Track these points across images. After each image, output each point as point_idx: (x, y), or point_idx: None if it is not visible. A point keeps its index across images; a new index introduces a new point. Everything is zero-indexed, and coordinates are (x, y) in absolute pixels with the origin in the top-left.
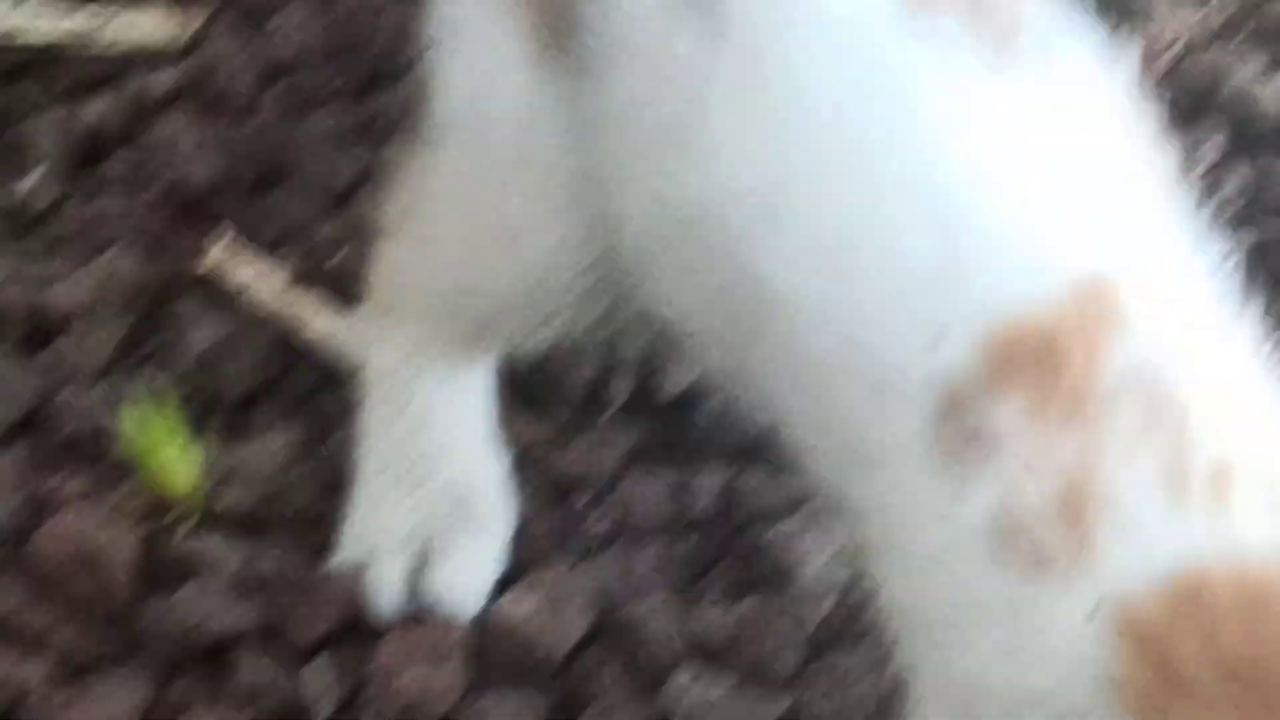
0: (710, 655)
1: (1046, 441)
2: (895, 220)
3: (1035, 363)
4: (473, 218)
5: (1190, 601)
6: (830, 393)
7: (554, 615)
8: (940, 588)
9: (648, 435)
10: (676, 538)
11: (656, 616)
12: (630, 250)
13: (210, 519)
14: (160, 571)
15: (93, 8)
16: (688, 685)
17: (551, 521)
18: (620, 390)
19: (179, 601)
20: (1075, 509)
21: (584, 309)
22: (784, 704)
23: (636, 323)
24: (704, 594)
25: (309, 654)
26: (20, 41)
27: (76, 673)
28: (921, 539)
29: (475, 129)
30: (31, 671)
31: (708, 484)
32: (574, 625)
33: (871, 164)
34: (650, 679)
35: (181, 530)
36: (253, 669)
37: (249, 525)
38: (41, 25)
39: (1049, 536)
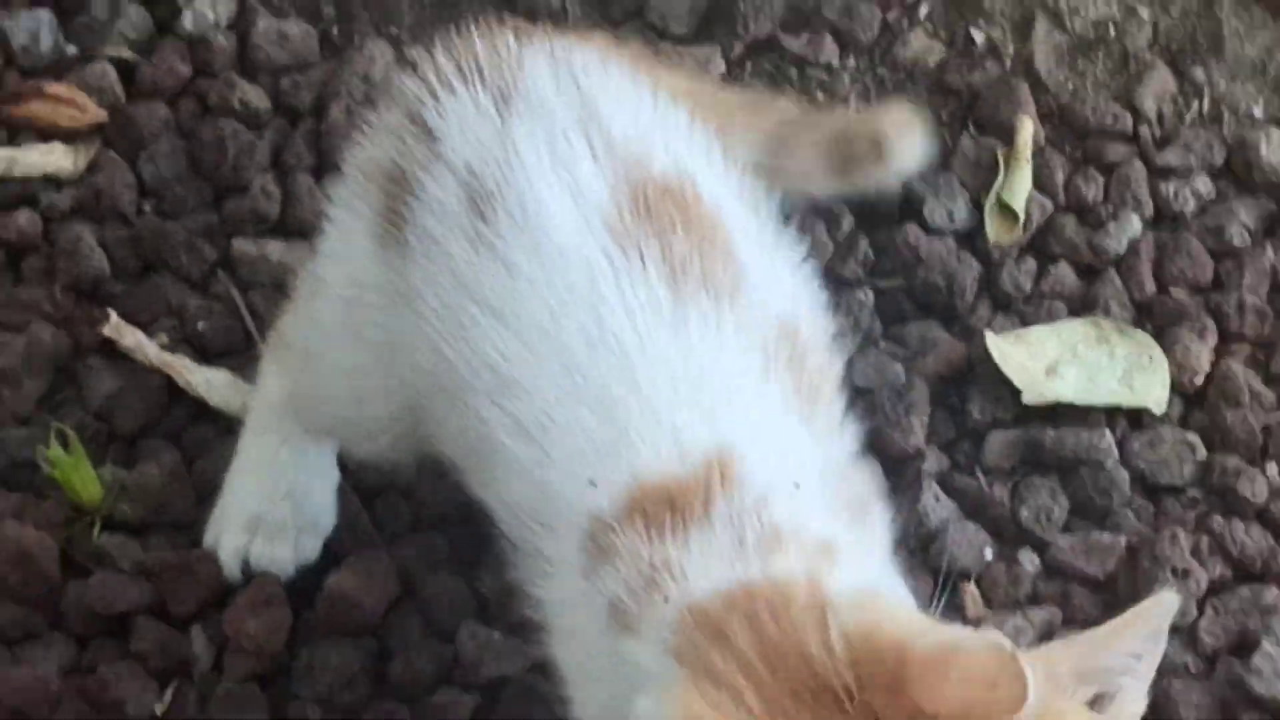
0: (486, 611)
1: (650, 552)
2: (578, 408)
3: (656, 506)
4: (320, 354)
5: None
6: (528, 518)
7: (370, 584)
8: (581, 654)
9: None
10: (462, 527)
11: (447, 584)
12: (418, 395)
13: (112, 524)
14: (77, 563)
15: (9, 149)
16: (472, 633)
17: (366, 518)
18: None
19: (92, 585)
20: (654, 584)
21: (397, 438)
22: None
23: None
24: (481, 568)
25: (190, 621)
26: None
27: (14, 642)
28: (572, 619)
29: (331, 283)
30: None
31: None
32: (385, 591)
33: (571, 363)
34: (443, 631)
35: (92, 533)
36: (149, 634)
37: (141, 528)
38: None
39: (635, 607)
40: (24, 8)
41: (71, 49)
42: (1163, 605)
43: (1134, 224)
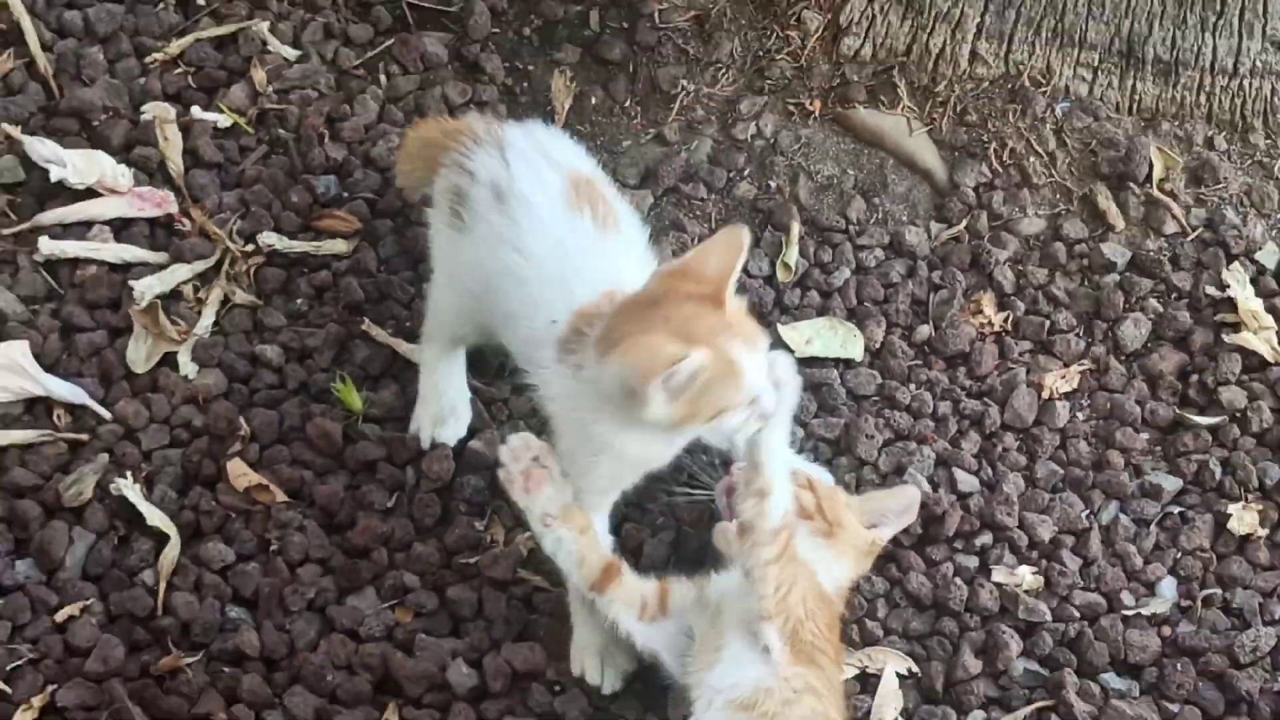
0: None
1: (585, 335)
2: (551, 287)
3: (583, 320)
4: (438, 299)
5: None
6: (531, 348)
7: (489, 447)
8: (561, 394)
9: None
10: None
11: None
12: (482, 304)
13: (367, 419)
14: (350, 438)
15: (316, 242)
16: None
17: (486, 415)
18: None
19: (358, 448)
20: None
21: (477, 333)
22: None
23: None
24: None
25: (404, 466)
26: None
27: (320, 473)
28: (554, 383)
29: (437, 260)
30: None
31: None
32: (495, 449)
33: (548, 267)
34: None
35: (357, 424)
36: (385, 471)
37: (380, 421)
38: None
39: (580, 355)
40: (320, 173)
41: (345, 194)
42: (908, 495)
43: (845, 272)
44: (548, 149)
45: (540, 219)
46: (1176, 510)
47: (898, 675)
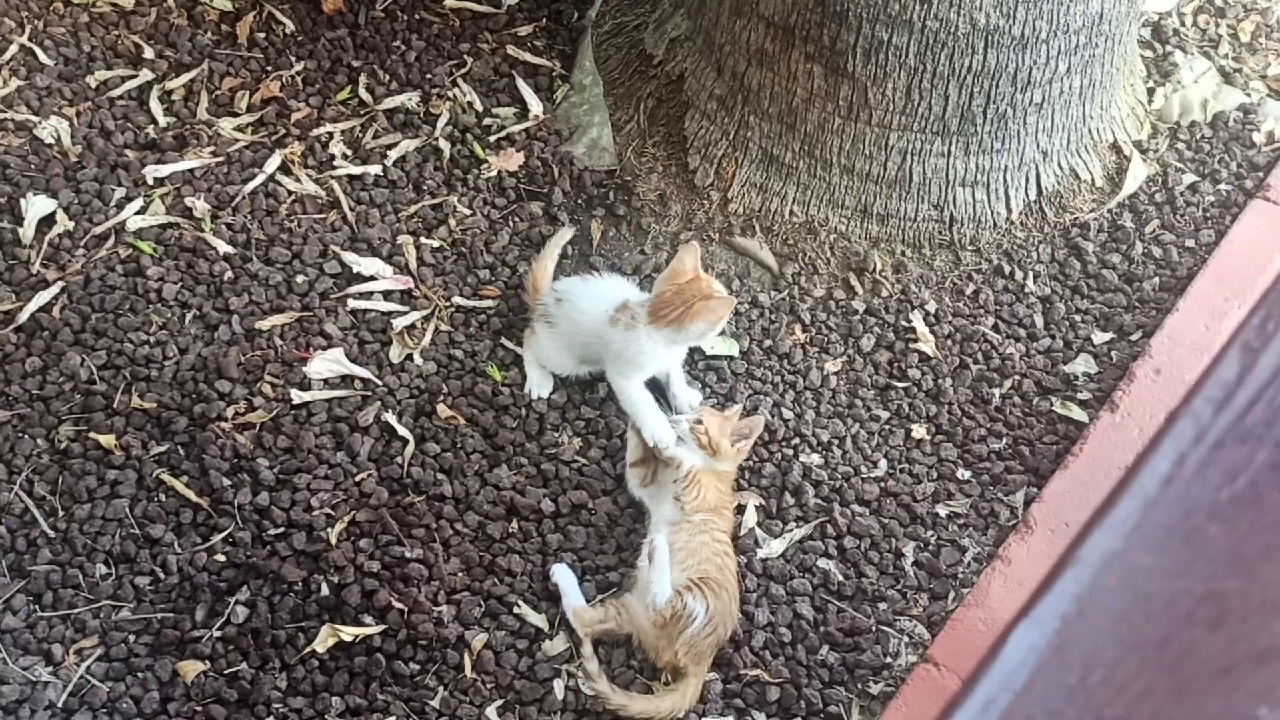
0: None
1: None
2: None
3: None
4: (541, 342)
5: None
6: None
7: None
8: (624, 346)
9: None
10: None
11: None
12: (573, 345)
13: (504, 384)
14: (495, 390)
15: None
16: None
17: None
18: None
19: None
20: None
21: (575, 363)
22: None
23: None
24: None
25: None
26: None
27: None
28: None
29: (538, 331)
30: None
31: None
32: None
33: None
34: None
35: (500, 387)
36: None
37: (514, 386)
38: None
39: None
40: (481, 268)
41: (492, 277)
42: (759, 422)
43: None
44: (579, 289)
45: (583, 314)
46: (887, 426)
47: (755, 506)
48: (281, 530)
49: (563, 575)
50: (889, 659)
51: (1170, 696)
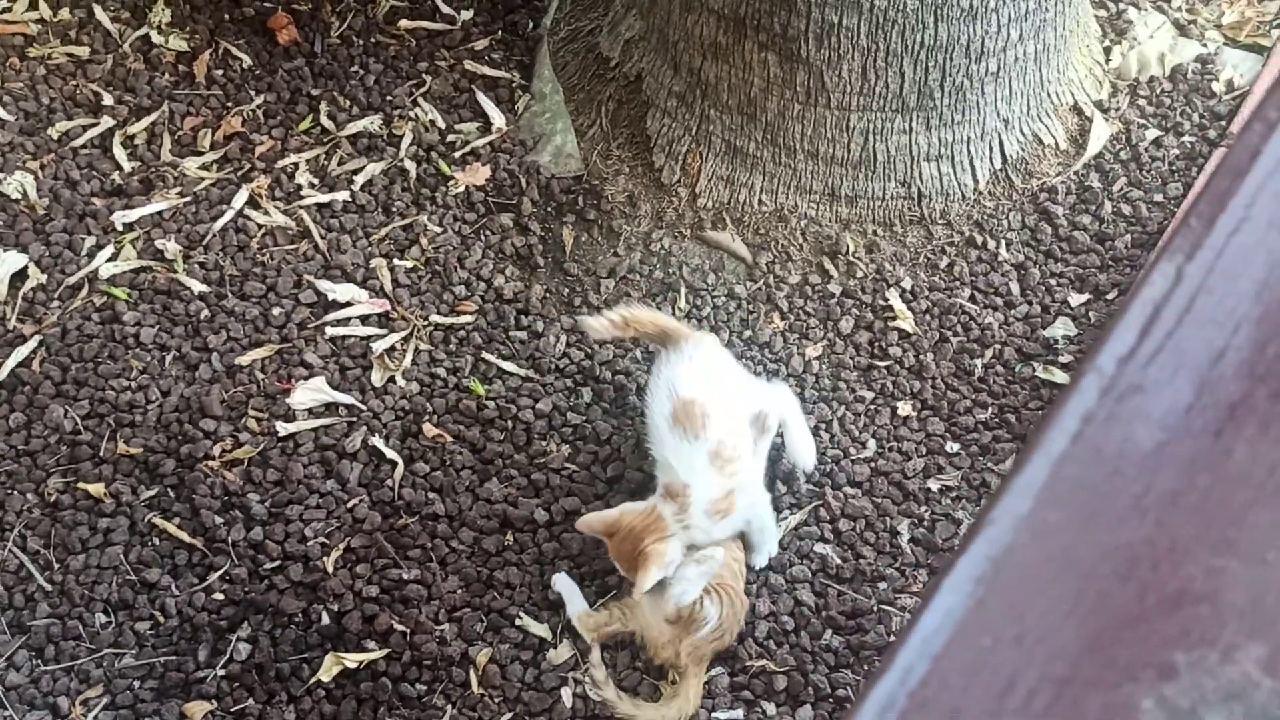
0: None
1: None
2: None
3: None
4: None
5: None
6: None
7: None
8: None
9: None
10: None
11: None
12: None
13: (490, 398)
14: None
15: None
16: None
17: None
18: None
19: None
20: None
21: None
22: None
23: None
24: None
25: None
26: None
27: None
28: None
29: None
30: None
31: None
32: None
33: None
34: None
35: (484, 401)
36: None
37: (499, 399)
38: None
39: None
40: (456, 284)
41: (468, 293)
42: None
43: (708, 309)
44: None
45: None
46: (873, 406)
47: None
48: (277, 563)
49: (564, 584)
50: (893, 638)
51: (1085, 649)
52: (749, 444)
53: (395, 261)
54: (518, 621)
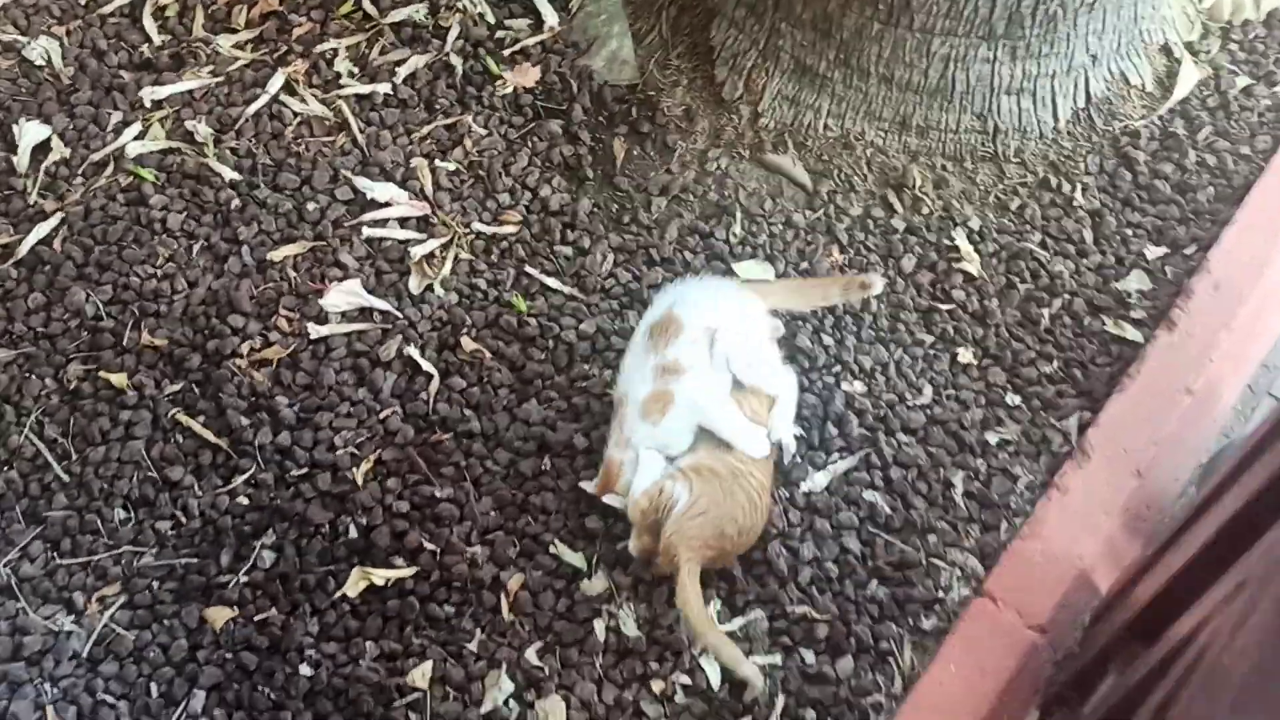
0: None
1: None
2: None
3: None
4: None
5: None
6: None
7: None
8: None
9: None
10: None
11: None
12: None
13: (531, 314)
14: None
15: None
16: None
17: None
18: None
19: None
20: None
21: None
22: None
23: None
24: None
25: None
26: None
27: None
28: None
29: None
30: None
31: None
32: None
33: (636, 375)
34: None
35: (525, 317)
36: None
37: (541, 315)
38: None
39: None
40: (500, 192)
41: (513, 202)
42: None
43: (763, 237)
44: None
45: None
46: (932, 351)
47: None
48: (305, 471)
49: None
50: (940, 593)
51: None
52: (705, 359)
53: (437, 163)
54: (552, 549)
